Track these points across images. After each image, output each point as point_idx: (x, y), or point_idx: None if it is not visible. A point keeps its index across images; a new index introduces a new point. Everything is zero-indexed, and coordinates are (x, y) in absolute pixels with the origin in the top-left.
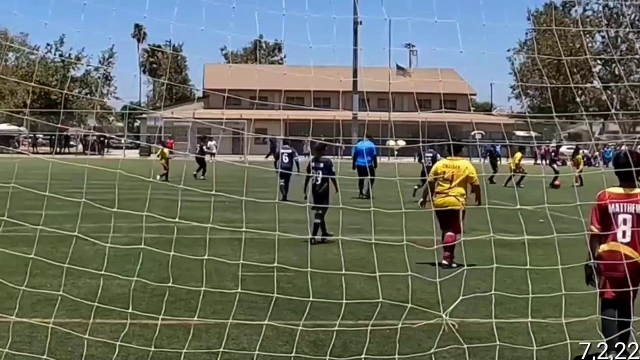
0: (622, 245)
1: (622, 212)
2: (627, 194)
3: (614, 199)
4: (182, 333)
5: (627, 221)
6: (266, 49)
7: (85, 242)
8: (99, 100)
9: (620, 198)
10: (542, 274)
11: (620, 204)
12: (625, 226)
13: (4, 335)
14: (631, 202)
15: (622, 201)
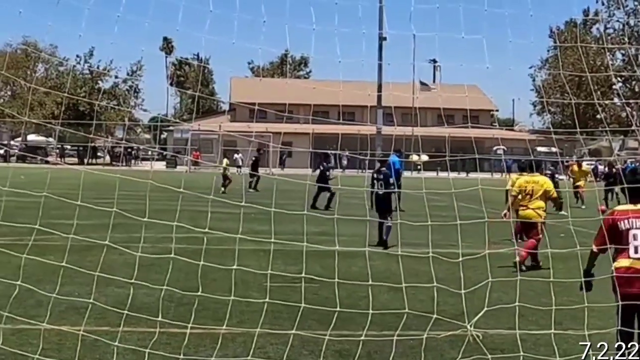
0: (635, 261)
1: (633, 227)
2: (636, 209)
3: (623, 216)
4: (209, 342)
5: (637, 236)
6: (292, 63)
7: (113, 252)
8: (127, 112)
9: (629, 214)
10: (563, 287)
11: (630, 220)
12: (637, 241)
13: (34, 342)
14: None
15: (632, 217)
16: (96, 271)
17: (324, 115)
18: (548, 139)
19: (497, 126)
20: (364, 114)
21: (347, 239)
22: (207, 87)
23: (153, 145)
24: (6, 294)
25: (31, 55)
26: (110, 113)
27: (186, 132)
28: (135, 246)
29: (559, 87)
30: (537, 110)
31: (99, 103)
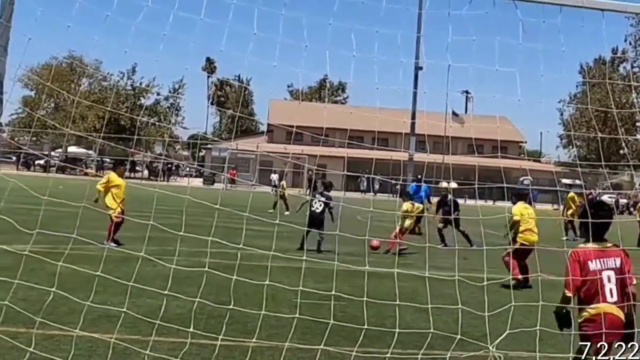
0: (611, 307)
1: (604, 268)
2: (602, 249)
3: (594, 256)
4: (238, 354)
5: (611, 278)
6: (330, 88)
7: (147, 263)
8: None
9: (597, 254)
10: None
11: (600, 261)
12: (610, 284)
13: (65, 347)
14: (609, 257)
15: (601, 257)
16: (130, 281)
17: (358, 139)
18: (573, 171)
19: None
20: (397, 141)
21: (376, 260)
22: (246, 108)
23: (191, 162)
24: (40, 301)
25: (76, 69)
26: (150, 129)
27: (224, 151)
28: (170, 259)
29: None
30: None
31: (140, 119)
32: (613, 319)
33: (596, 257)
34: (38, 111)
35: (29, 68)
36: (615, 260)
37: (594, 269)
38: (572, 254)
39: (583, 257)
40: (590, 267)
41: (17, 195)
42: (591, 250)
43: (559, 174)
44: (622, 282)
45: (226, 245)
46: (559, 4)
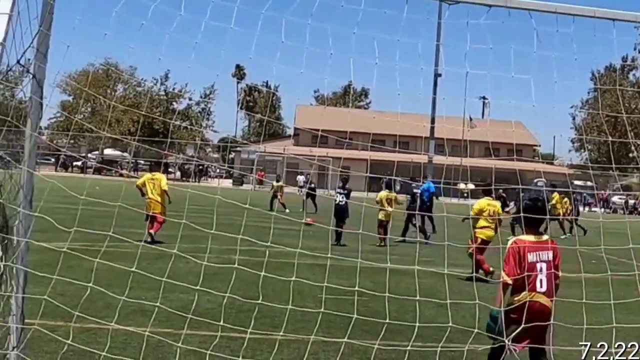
0: (540, 295)
1: (538, 260)
2: (539, 241)
3: (531, 249)
4: (265, 346)
5: (543, 269)
6: (354, 94)
7: (180, 260)
8: (198, 132)
9: (535, 247)
10: (593, 308)
11: (536, 253)
12: (542, 274)
13: (102, 340)
14: (544, 250)
15: (537, 250)
16: (163, 278)
17: (380, 143)
18: (585, 173)
19: (538, 160)
20: (418, 144)
21: (398, 258)
22: (274, 113)
23: (222, 164)
24: (77, 295)
25: (112, 76)
26: (182, 132)
27: (253, 153)
28: (201, 256)
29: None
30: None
31: (173, 123)
32: (540, 307)
33: (534, 250)
34: (76, 115)
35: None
36: (549, 253)
37: (531, 260)
38: (513, 245)
39: (523, 249)
40: (528, 259)
41: (56, 195)
42: (530, 242)
43: (571, 176)
44: (552, 273)
45: (255, 243)
46: (572, 14)
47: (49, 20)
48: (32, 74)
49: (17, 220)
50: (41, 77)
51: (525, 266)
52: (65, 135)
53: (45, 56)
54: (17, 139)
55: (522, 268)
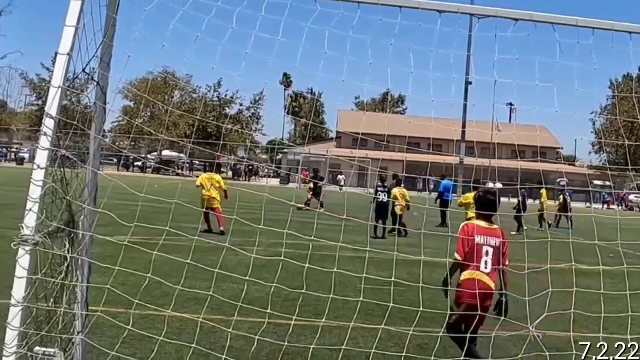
0: (484, 275)
1: (485, 244)
2: (489, 228)
3: (480, 232)
4: (309, 332)
5: (489, 253)
6: (392, 100)
7: (231, 253)
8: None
9: (484, 231)
10: (610, 298)
11: (484, 237)
12: (487, 257)
13: (159, 326)
14: (492, 236)
15: (486, 234)
16: (216, 269)
17: (415, 145)
18: (604, 174)
19: (561, 162)
20: (450, 147)
21: (431, 251)
22: (318, 117)
23: (270, 164)
24: (137, 285)
25: (169, 83)
26: (234, 135)
27: (298, 155)
28: (251, 249)
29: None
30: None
31: (225, 126)
32: (482, 285)
33: (482, 234)
34: (136, 119)
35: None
36: (496, 240)
37: (478, 242)
38: (465, 227)
39: (472, 231)
40: (475, 240)
41: (118, 193)
42: (480, 227)
43: (591, 176)
44: (498, 259)
45: (300, 237)
46: (592, 27)
47: (112, 32)
48: (97, 82)
49: (82, 215)
50: (105, 84)
51: (473, 247)
52: (126, 137)
53: (109, 65)
54: (83, 141)
55: (470, 248)
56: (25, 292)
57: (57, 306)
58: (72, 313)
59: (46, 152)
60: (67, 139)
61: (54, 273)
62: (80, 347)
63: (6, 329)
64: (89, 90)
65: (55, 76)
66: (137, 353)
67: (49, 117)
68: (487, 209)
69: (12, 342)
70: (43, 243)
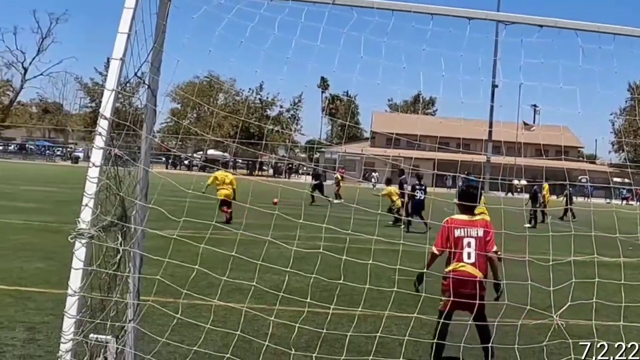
0: (466, 265)
1: (466, 236)
2: (470, 220)
3: (459, 225)
4: (346, 320)
5: (471, 244)
6: (423, 102)
7: (273, 246)
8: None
9: (464, 224)
10: (630, 289)
11: (464, 229)
12: (470, 248)
13: (206, 315)
14: (473, 227)
15: (465, 226)
16: (258, 261)
17: (445, 145)
18: (623, 171)
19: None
20: (478, 146)
21: None
22: (353, 118)
23: (308, 162)
24: (185, 276)
25: (214, 86)
26: (274, 135)
27: (335, 154)
28: (291, 242)
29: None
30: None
31: (267, 127)
32: (466, 274)
33: (462, 226)
34: (183, 120)
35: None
36: (478, 230)
37: (458, 235)
38: (446, 222)
39: (452, 226)
40: (455, 234)
41: (167, 189)
42: (460, 220)
43: (611, 173)
44: (482, 248)
45: (337, 231)
46: (612, 33)
47: (162, 38)
48: (147, 85)
49: (134, 210)
50: (155, 87)
51: (452, 240)
52: (174, 137)
53: (159, 69)
54: (134, 141)
55: (450, 242)
56: (81, 283)
57: (110, 295)
58: (125, 302)
59: (101, 151)
60: (119, 139)
61: (108, 264)
62: (131, 334)
63: (64, 317)
64: (139, 93)
65: (108, 80)
66: (184, 340)
67: (103, 118)
68: (468, 202)
69: (69, 329)
70: (98, 236)
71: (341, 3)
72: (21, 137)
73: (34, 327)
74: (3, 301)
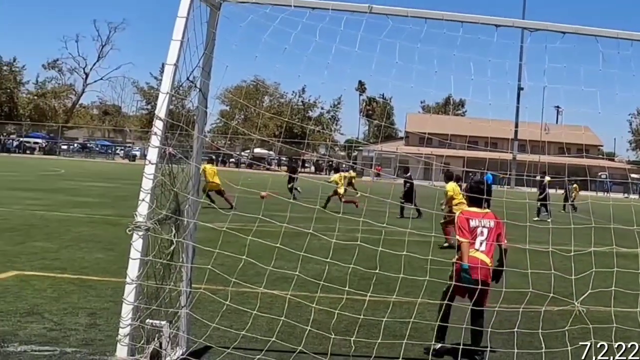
0: (478, 252)
1: (480, 226)
2: (481, 212)
3: (473, 216)
4: (382, 307)
5: (484, 233)
6: (453, 104)
7: (314, 238)
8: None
9: (477, 215)
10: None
11: (478, 220)
12: (482, 237)
13: (252, 301)
14: (485, 218)
15: (479, 217)
16: (301, 252)
17: (474, 144)
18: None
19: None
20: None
21: None
22: (388, 119)
23: (347, 160)
24: (234, 266)
25: (260, 90)
26: (316, 135)
27: (372, 152)
28: (331, 234)
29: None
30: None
31: (309, 127)
32: (477, 261)
33: (476, 217)
34: (232, 121)
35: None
36: (490, 221)
37: (473, 225)
38: (461, 214)
39: (467, 216)
40: (471, 224)
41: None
42: (474, 212)
43: (629, 170)
44: (493, 238)
45: (373, 224)
46: (631, 39)
47: (212, 45)
48: (199, 88)
49: (187, 205)
50: (206, 90)
51: (469, 230)
52: (223, 137)
53: (209, 74)
54: (187, 141)
55: (467, 231)
56: (138, 272)
57: (164, 284)
58: (178, 290)
59: (156, 149)
60: (173, 138)
61: (162, 255)
62: (184, 320)
63: (122, 303)
64: (191, 95)
65: (163, 84)
66: (233, 325)
67: (159, 119)
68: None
69: (127, 315)
70: (153, 229)
71: (378, 12)
72: (83, 137)
73: (95, 313)
74: (67, 289)
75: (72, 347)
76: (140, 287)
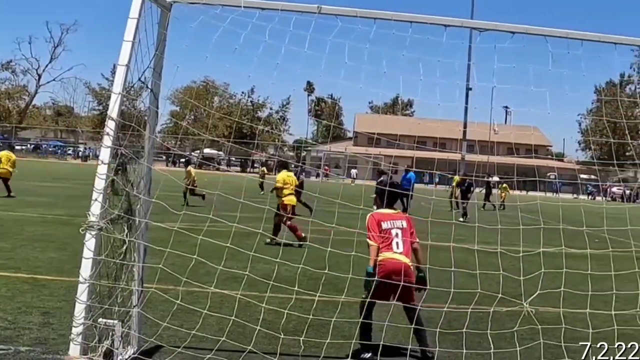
0: (396, 254)
1: (393, 227)
2: (393, 213)
3: (385, 218)
4: (331, 307)
5: (398, 234)
6: (402, 104)
7: (263, 238)
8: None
9: (390, 217)
10: (596, 279)
11: (390, 222)
12: (398, 238)
13: (203, 301)
14: (397, 219)
15: (391, 219)
16: (251, 252)
17: (423, 144)
18: (589, 168)
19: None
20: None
21: (435, 236)
22: (337, 119)
23: (296, 160)
24: (184, 265)
25: (210, 90)
26: (265, 135)
27: (320, 152)
28: (280, 234)
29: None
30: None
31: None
32: (396, 262)
33: (388, 219)
34: (182, 122)
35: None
36: (402, 222)
37: (385, 227)
38: (371, 216)
39: (378, 218)
40: (383, 226)
41: (167, 185)
42: (385, 213)
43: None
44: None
45: (322, 224)
46: (580, 39)
47: (163, 46)
48: (150, 89)
49: (138, 204)
50: (157, 91)
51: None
52: (174, 137)
53: (160, 74)
54: (138, 141)
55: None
56: (91, 271)
57: (117, 283)
58: (130, 289)
59: (108, 149)
60: (125, 139)
61: (115, 254)
62: (136, 319)
63: (75, 303)
64: (143, 96)
65: (115, 84)
66: (184, 324)
67: (111, 119)
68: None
69: (80, 314)
70: (106, 228)
71: (327, 12)
72: (36, 137)
73: (49, 312)
74: (21, 288)
75: (25, 346)
76: (92, 286)
